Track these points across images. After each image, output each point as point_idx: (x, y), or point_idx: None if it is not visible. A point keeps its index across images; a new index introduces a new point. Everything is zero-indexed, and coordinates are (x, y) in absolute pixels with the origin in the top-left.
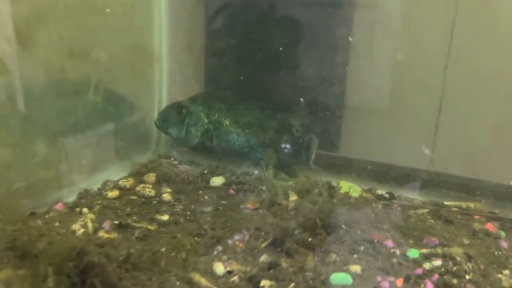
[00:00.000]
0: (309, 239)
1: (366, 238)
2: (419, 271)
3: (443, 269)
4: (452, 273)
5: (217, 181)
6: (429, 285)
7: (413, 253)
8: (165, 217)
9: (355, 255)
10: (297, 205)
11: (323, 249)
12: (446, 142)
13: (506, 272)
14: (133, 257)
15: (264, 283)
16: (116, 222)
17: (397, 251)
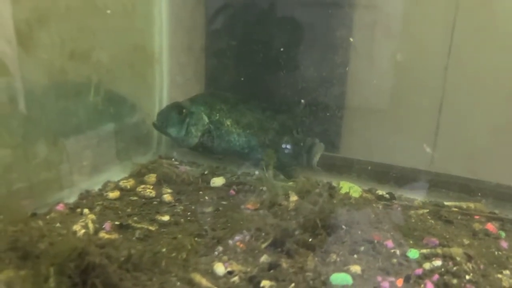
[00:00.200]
0: (310, 239)
1: (366, 239)
2: (419, 271)
3: (443, 269)
4: (452, 273)
5: (217, 181)
6: (429, 285)
7: (413, 253)
8: (165, 218)
9: (355, 256)
10: (298, 205)
11: (323, 249)
12: (446, 142)
13: (506, 272)
14: (134, 257)
15: (265, 283)
16: (117, 223)
17: (397, 251)
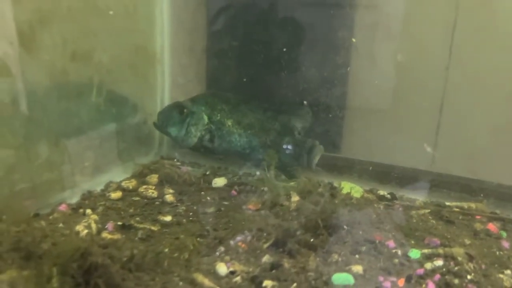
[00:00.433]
0: (311, 239)
1: (367, 239)
2: (420, 271)
3: (444, 269)
4: (453, 273)
5: (219, 182)
6: (430, 285)
7: (415, 253)
8: (167, 218)
9: (357, 256)
10: (299, 206)
11: (325, 249)
12: (447, 142)
13: (508, 272)
14: (136, 257)
15: (267, 283)
16: (119, 223)
17: (398, 252)
